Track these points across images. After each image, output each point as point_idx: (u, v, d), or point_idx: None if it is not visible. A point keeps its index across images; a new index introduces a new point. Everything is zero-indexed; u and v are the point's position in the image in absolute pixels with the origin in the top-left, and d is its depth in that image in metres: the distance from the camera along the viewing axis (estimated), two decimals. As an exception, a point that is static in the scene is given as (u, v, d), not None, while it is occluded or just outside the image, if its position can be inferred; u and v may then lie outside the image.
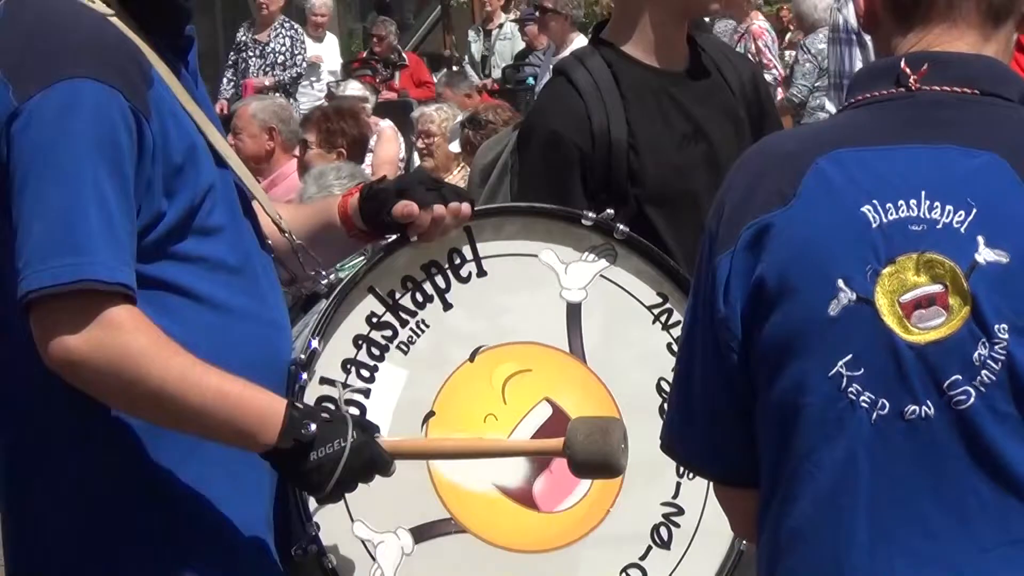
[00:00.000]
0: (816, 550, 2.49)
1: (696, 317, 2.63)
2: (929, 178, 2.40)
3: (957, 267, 2.35)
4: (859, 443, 2.40)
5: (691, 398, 2.65)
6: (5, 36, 3.12)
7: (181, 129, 3.05)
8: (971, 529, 2.38)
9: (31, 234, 2.93)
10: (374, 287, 3.30)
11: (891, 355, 2.36)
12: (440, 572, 3.32)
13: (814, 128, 3.92)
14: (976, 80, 2.47)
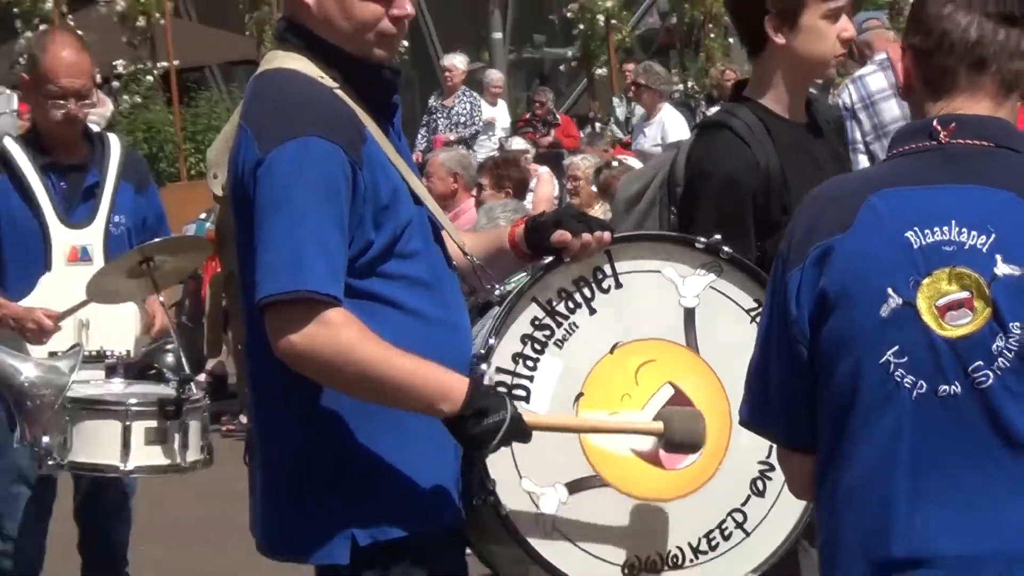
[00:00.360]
0: (869, 500, 3.01)
1: (772, 321, 3.16)
2: (958, 210, 2.91)
3: (981, 278, 2.86)
4: (903, 415, 2.92)
5: (768, 384, 3.17)
6: (254, 104, 3.85)
7: (387, 176, 3.69)
8: (990, 482, 2.90)
9: (266, 253, 3.58)
10: (536, 297, 3.86)
11: (928, 346, 2.87)
12: (588, 518, 3.83)
13: (865, 173, 4.20)
14: (992, 136, 2.99)
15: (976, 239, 2.89)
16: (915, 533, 2.95)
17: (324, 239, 3.61)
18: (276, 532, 3.94)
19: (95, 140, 6.63)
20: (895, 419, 2.92)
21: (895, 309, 2.91)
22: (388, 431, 3.75)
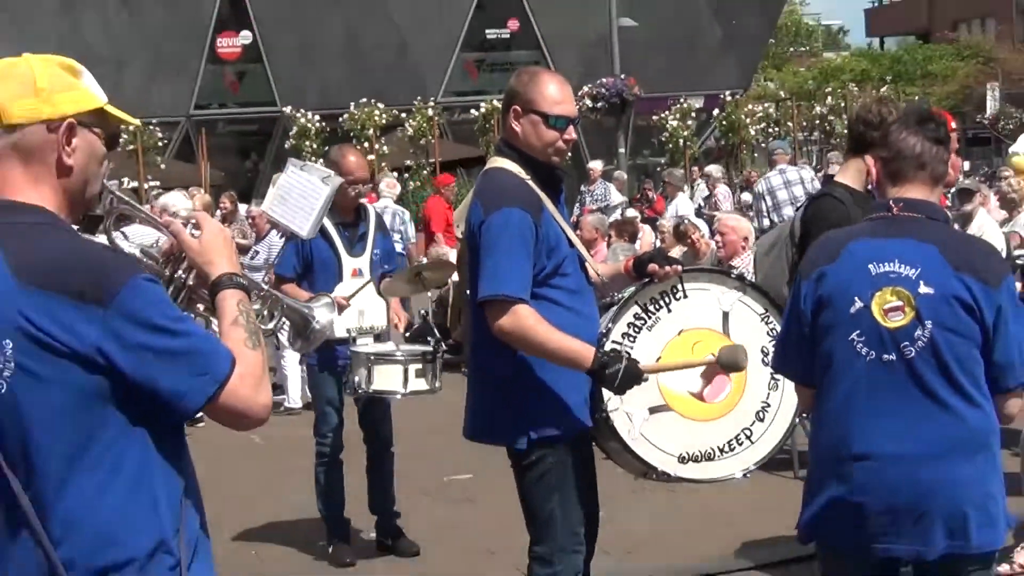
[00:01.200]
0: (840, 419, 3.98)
1: (791, 311, 4.16)
2: (900, 254, 3.85)
3: (910, 294, 3.82)
4: (861, 370, 3.89)
5: (787, 347, 4.24)
6: (481, 187, 5.14)
7: (553, 230, 4.96)
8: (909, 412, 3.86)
9: (484, 272, 4.82)
10: (638, 301, 5.11)
11: (877, 332, 3.84)
12: (660, 428, 5.05)
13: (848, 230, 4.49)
14: (924, 211, 3.95)
15: (909, 271, 3.82)
16: (864, 440, 3.89)
17: (518, 265, 4.84)
18: (482, 429, 5.24)
19: (361, 208, 8.31)
20: (856, 373, 3.91)
21: (859, 309, 3.90)
22: (551, 376, 4.97)
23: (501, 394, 5.13)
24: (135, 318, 2.66)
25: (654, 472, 5.20)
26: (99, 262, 2.74)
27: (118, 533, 2.70)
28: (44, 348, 2.62)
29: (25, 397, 2.65)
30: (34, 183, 2.82)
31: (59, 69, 2.88)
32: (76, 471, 2.68)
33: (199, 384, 2.70)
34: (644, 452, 5.12)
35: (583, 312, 5.13)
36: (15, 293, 2.64)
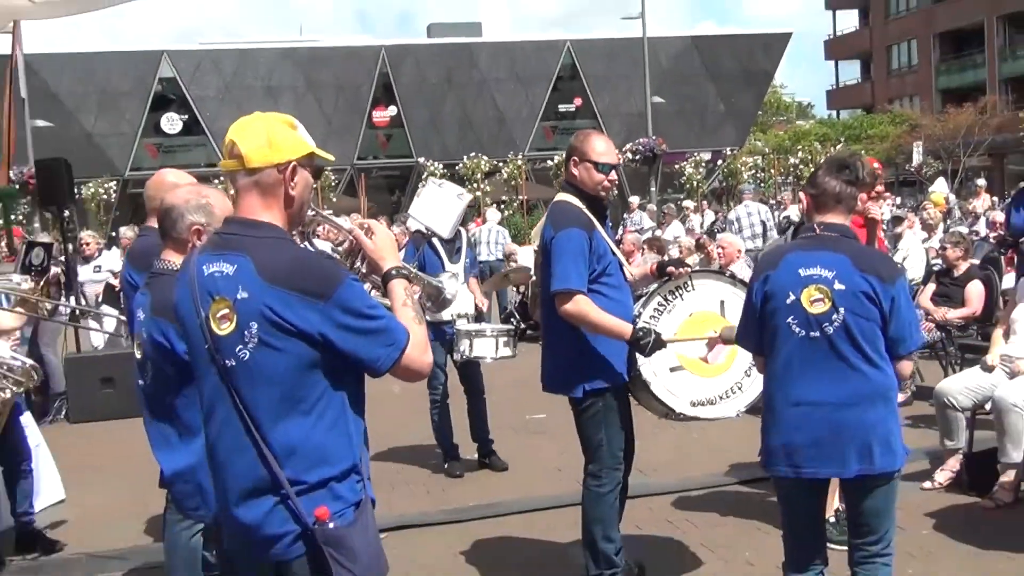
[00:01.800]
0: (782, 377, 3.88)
1: (747, 303, 4.09)
2: (820, 261, 3.78)
3: (826, 288, 3.74)
4: (796, 345, 3.81)
5: (746, 328, 4.11)
6: (552, 213, 5.05)
7: (601, 244, 4.93)
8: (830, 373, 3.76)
9: (555, 272, 4.83)
10: (660, 293, 5.07)
11: (805, 315, 3.77)
12: (677, 382, 5.04)
13: (787, 244, 4.63)
14: (838, 231, 3.86)
15: (828, 273, 3.74)
16: (798, 392, 3.82)
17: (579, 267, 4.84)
18: (552, 382, 5.16)
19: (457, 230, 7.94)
20: (792, 345, 3.83)
21: (793, 300, 3.81)
22: (600, 345, 4.94)
23: (565, 358, 5.10)
24: (346, 308, 2.75)
25: (673, 413, 5.20)
26: (320, 267, 2.83)
27: (326, 457, 2.79)
28: (279, 329, 2.72)
29: (262, 362, 2.74)
30: (267, 208, 2.87)
31: (283, 124, 2.94)
32: (295, 414, 2.77)
33: (388, 353, 2.79)
34: (666, 399, 5.11)
35: (622, 301, 5.07)
36: (260, 289, 2.72)
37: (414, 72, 47.67)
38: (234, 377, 2.77)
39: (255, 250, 2.77)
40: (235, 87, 45.14)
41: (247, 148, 2.84)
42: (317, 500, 2.76)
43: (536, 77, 48.84)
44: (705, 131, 49.48)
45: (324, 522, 2.73)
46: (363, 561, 2.76)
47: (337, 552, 2.72)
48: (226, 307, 2.77)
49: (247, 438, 2.77)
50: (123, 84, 45.55)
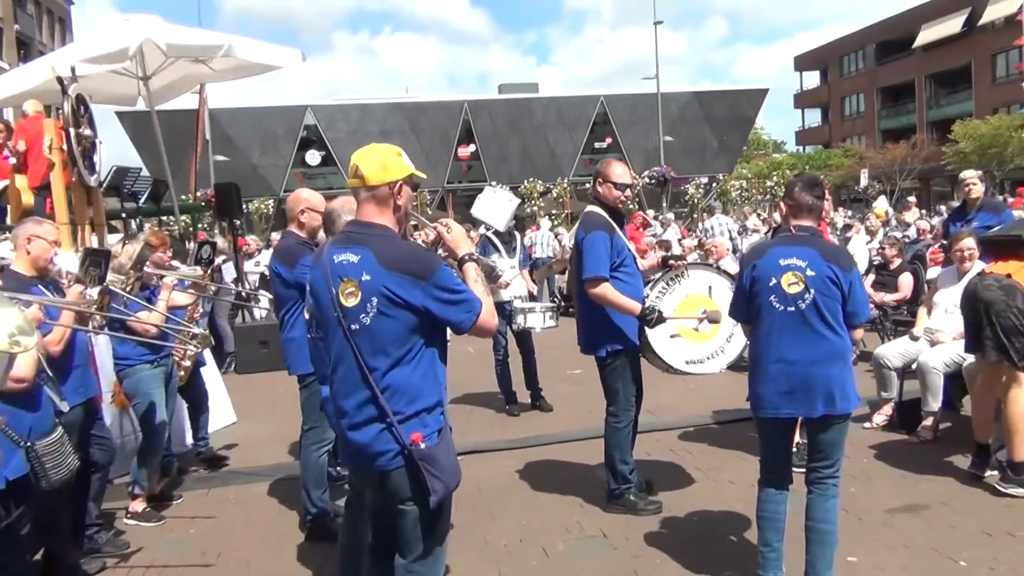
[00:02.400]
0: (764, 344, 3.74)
1: (738, 285, 3.92)
2: (796, 254, 3.65)
3: (801, 274, 3.62)
4: (776, 317, 3.68)
5: (737, 304, 3.95)
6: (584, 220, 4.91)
7: (620, 243, 4.82)
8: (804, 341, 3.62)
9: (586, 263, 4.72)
10: (663, 279, 4.92)
11: (784, 294, 3.63)
12: (675, 346, 4.89)
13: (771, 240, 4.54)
14: (810, 231, 3.73)
15: (801, 263, 3.63)
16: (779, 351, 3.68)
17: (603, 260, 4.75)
18: (585, 345, 5.04)
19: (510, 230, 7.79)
20: (773, 317, 3.69)
21: (774, 283, 3.68)
22: (618, 319, 4.85)
23: (592, 328, 5.02)
24: (441, 286, 2.83)
25: (672, 369, 5.07)
26: (423, 257, 2.90)
27: (420, 396, 2.86)
28: (392, 303, 2.80)
29: (378, 327, 2.82)
30: (381, 214, 2.96)
31: (392, 153, 2.99)
32: (399, 364, 2.85)
33: (469, 317, 2.87)
34: (667, 358, 5.02)
35: (635, 285, 4.97)
36: (380, 273, 2.81)
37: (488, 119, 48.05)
38: (356, 337, 2.84)
39: (374, 244, 2.85)
40: (359, 131, 45.61)
41: (367, 170, 2.93)
42: (412, 427, 2.82)
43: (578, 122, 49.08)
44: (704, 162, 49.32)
45: (418, 444, 2.79)
46: (447, 471, 2.83)
47: (430, 465, 2.79)
48: (352, 286, 2.84)
49: (363, 382, 2.83)
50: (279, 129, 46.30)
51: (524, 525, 4.94)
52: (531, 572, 4.29)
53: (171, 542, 5.02)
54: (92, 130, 6.84)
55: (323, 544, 4.70)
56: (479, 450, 6.53)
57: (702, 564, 4.20)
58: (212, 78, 11.02)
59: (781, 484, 3.75)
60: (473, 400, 8.37)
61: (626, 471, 5.03)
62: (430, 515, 2.88)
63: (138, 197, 10.58)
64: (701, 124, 50.62)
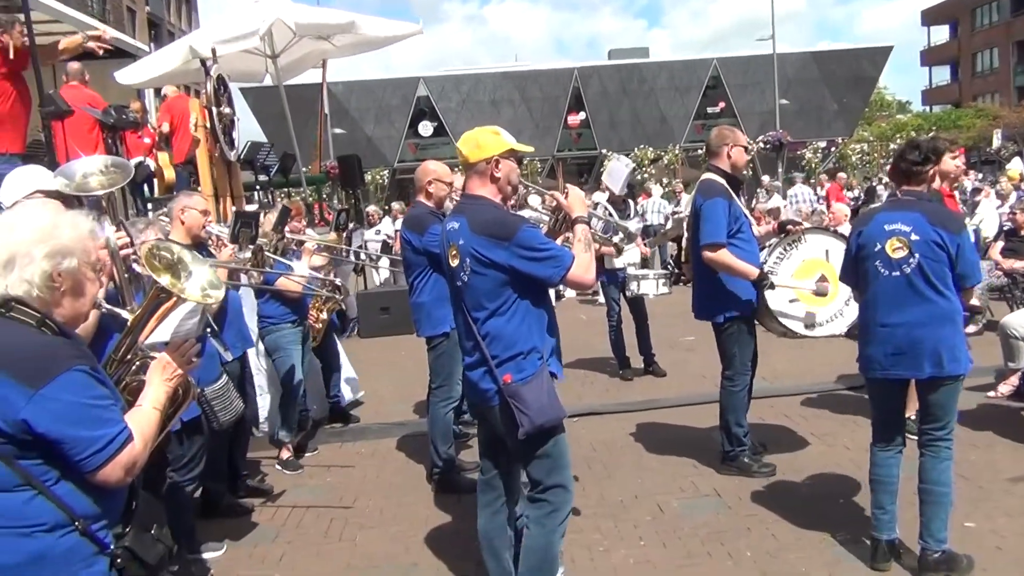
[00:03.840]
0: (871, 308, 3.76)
1: (846, 251, 3.97)
2: (902, 218, 3.65)
3: (906, 239, 3.62)
4: (880, 282, 3.71)
5: (845, 269, 3.98)
6: (702, 187, 4.90)
7: (736, 209, 4.85)
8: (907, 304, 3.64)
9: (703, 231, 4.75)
10: (780, 245, 4.95)
11: (888, 259, 3.65)
12: (794, 309, 4.91)
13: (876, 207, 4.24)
14: (919, 196, 3.71)
15: (906, 227, 3.63)
16: (884, 315, 3.69)
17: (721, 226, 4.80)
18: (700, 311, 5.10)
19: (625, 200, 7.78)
20: (879, 282, 3.71)
21: (878, 249, 3.68)
22: (735, 284, 4.91)
23: (709, 294, 5.08)
24: (525, 246, 3.07)
25: (790, 333, 5.10)
26: (506, 221, 3.14)
27: (515, 342, 3.14)
28: (481, 263, 3.08)
29: (474, 284, 3.13)
30: (482, 186, 3.25)
31: (488, 132, 3.27)
32: (495, 315, 3.13)
33: (556, 271, 3.10)
34: (785, 321, 5.06)
35: (751, 251, 5.02)
36: (470, 237, 3.12)
37: (598, 86, 47.56)
38: (461, 292, 3.19)
39: (469, 212, 3.20)
40: (470, 101, 46.13)
41: (466, 151, 3.28)
42: (507, 369, 3.12)
43: (690, 87, 47.95)
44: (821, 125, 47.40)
45: (508, 383, 3.09)
46: (534, 408, 3.07)
47: (517, 402, 3.08)
48: (455, 250, 3.21)
49: (470, 330, 3.18)
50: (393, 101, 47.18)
51: (638, 483, 5.11)
52: (645, 526, 4.45)
53: (310, 488, 5.42)
54: (231, 108, 7.28)
55: (448, 495, 5.02)
56: (594, 412, 6.72)
57: (815, 524, 4.28)
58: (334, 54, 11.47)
59: (893, 446, 3.78)
60: (588, 365, 8.52)
61: (741, 434, 5.12)
62: (533, 449, 3.18)
63: (269, 170, 11.13)
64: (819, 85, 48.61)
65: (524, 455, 3.23)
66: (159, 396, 2.26)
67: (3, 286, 2.06)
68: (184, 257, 2.35)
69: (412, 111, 47.77)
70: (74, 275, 2.13)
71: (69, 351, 2.08)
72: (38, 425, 1.96)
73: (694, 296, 5.20)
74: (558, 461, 3.22)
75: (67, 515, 2.03)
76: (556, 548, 3.29)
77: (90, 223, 2.22)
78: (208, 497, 4.91)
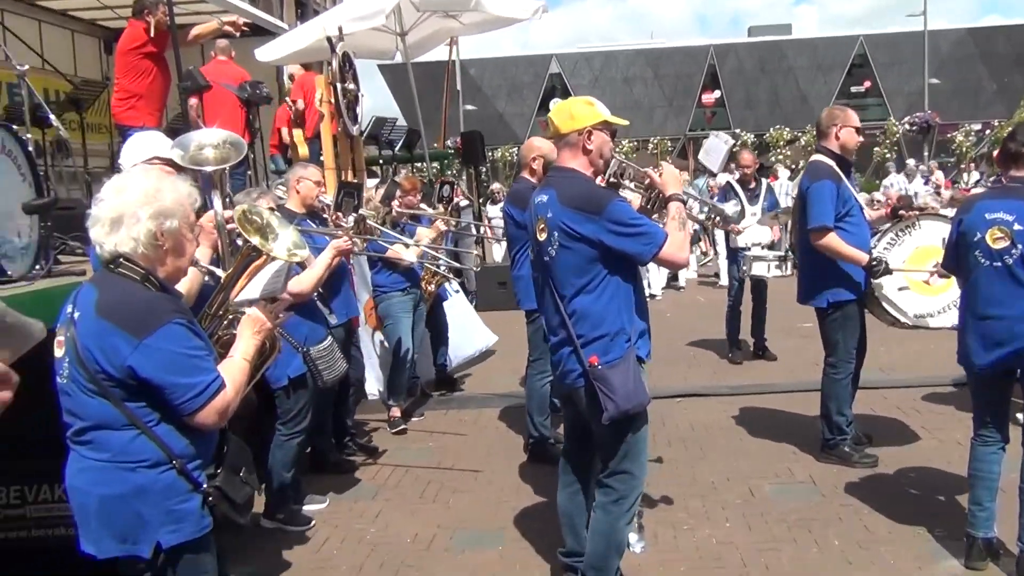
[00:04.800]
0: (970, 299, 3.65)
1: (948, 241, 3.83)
2: (1005, 207, 3.50)
3: (1008, 229, 3.46)
4: (980, 272, 3.57)
5: (947, 257, 3.85)
6: (809, 170, 4.80)
7: (846, 192, 4.72)
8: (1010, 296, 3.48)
9: (811, 215, 4.60)
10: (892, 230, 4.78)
11: (989, 249, 3.51)
12: (904, 299, 4.77)
13: (979, 194, 4.40)
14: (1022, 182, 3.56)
15: (1008, 216, 3.47)
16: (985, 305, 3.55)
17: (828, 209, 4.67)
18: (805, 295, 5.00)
19: (756, 178, 7.71)
20: (979, 272, 3.58)
21: (978, 238, 3.54)
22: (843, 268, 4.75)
23: (815, 278, 4.99)
24: (613, 220, 3.03)
25: (899, 323, 4.95)
26: (597, 195, 3.12)
27: (603, 321, 3.10)
28: (570, 236, 3.04)
29: (562, 258, 3.09)
30: (573, 158, 3.20)
31: (581, 103, 3.24)
32: (582, 291, 3.10)
33: (648, 248, 3.05)
34: (894, 311, 4.92)
35: (861, 235, 4.88)
36: (559, 210, 3.07)
37: (735, 63, 46.28)
38: (548, 268, 3.14)
39: (558, 185, 3.14)
40: (601, 79, 45.79)
41: (558, 121, 3.23)
42: (593, 350, 3.07)
43: (834, 65, 45.89)
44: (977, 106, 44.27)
45: (595, 365, 3.04)
46: (620, 394, 3.03)
47: (603, 386, 3.03)
48: (543, 223, 3.15)
49: (556, 307, 3.12)
50: (525, 78, 47.47)
51: (733, 466, 5.08)
52: (734, 508, 4.44)
53: (412, 451, 5.67)
54: (355, 84, 7.54)
55: (543, 465, 5.11)
56: (696, 393, 6.70)
57: (912, 518, 4.17)
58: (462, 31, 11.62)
59: (993, 441, 3.64)
60: (698, 346, 8.50)
61: (842, 423, 5.00)
62: (614, 433, 3.16)
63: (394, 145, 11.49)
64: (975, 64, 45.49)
65: (602, 438, 3.23)
66: (249, 348, 2.44)
67: (112, 243, 2.29)
68: (272, 221, 2.53)
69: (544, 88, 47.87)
70: (175, 235, 2.33)
71: (169, 305, 2.29)
72: (142, 371, 2.18)
73: (799, 280, 5.10)
74: (633, 448, 3.21)
75: (166, 454, 2.25)
76: (622, 534, 3.29)
77: (189, 187, 2.42)
78: (316, 454, 5.18)
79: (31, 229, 3.57)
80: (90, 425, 2.23)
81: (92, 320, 2.21)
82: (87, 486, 2.27)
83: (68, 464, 2.29)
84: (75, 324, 2.23)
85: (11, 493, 3.53)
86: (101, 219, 2.28)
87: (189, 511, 2.29)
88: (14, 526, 3.52)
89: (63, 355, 2.25)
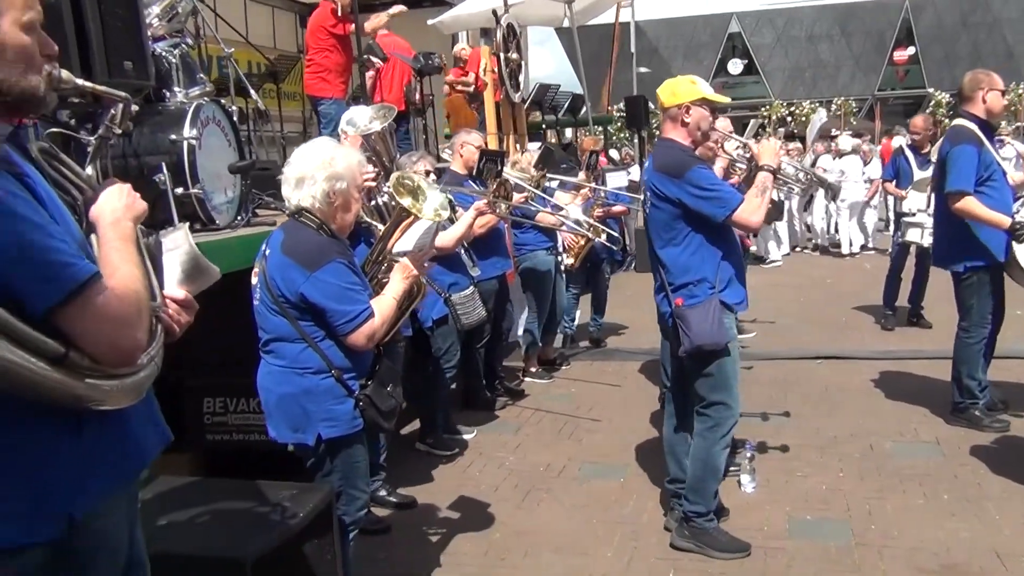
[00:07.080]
0: None
1: None
2: None
3: None
4: None
5: None
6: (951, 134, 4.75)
7: (987, 156, 4.65)
8: None
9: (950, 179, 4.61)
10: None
11: None
12: None
13: None
14: None
15: None
16: None
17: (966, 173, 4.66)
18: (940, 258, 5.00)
19: None
20: None
21: None
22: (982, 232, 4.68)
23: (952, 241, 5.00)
24: (692, 183, 3.39)
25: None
26: (680, 160, 3.45)
27: (687, 270, 3.48)
28: (656, 196, 3.44)
29: (653, 215, 3.49)
30: (674, 130, 3.54)
31: (684, 81, 3.56)
32: (669, 244, 3.49)
33: (722, 211, 3.37)
34: (1030, 277, 4.75)
35: (1003, 200, 4.83)
36: (652, 173, 3.48)
37: (932, 17, 43.05)
38: (647, 223, 3.56)
39: (656, 152, 3.56)
40: (784, 37, 44.03)
41: (663, 96, 3.58)
42: (679, 294, 3.49)
43: (1048, 15, 41.82)
44: None
45: (679, 306, 3.45)
46: (695, 331, 3.42)
47: (682, 322, 3.45)
48: (644, 185, 3.58)
49: (652, 256, 3.55)
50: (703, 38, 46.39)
51: (859, 423, 5.22)
52: (850, 460, 4.63)
53: (555, 396, 6.17)
54: (519, 54, 8.03)
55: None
56: (838, 356, 6.77)
57: (1031, 484, 4.14)
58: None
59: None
60: (852, 312, 8.48)
61: (973, 387, 5.02)
62: (697, 367, 3.53)
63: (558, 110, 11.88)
64: None
65: (691, 372, 3.59)
66: (398, 289, 2.97)
67: (296, 199, 2.89)
68: (422, 185, 3.06)
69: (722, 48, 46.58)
70: (345, 194, 2.89)
71: (336, 248, 2.87)
72: (311, 296, 2.76)
73: (935, 243, 5.17)
74: (720, 381, 3.54)
75: (327, 364, 2.81)
76: (718, 459, 3.62)
77: (359, 155, 2.99)
78: (468, 392, 5.83)
79: (235, 186, 4.23)
80: (273, 337, 2.84)
81: (278, 256, 2.80)
82: (270, 385, 2.89)
83: (260, 368, 2.91)
84: (266, 259, 2.84)
85: (216, 403, 4.30)
86: (288, 179, 2.87)
87: (344, 411, 2.83)
88: (220, 431, 4.30)
89: (257, 283, 2.89)
